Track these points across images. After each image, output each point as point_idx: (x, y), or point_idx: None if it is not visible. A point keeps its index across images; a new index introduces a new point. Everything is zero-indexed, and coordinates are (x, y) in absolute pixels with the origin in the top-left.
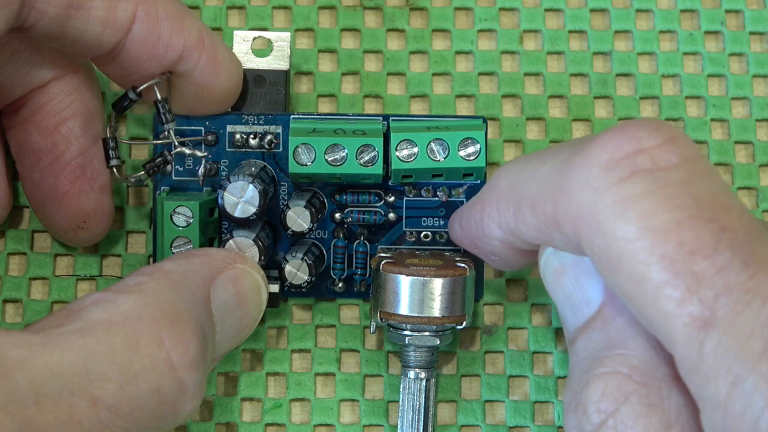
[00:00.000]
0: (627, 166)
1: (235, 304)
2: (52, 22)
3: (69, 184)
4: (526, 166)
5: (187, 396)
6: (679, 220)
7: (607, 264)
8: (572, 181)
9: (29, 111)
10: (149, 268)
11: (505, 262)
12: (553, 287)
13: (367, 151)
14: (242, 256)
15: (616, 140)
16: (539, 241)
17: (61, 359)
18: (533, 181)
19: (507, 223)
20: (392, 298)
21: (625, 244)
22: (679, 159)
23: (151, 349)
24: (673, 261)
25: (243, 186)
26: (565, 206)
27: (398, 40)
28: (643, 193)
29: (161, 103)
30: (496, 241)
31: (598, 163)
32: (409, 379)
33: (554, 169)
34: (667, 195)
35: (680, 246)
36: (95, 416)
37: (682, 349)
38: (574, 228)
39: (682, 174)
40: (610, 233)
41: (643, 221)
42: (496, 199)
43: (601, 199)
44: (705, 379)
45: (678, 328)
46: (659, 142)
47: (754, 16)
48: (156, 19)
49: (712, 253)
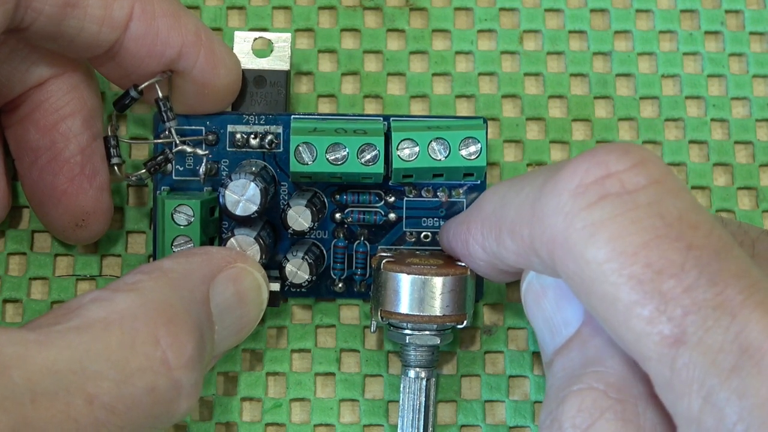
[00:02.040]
0: (596, 191)
1: (235, 303)
2: (49, 22)
3: (67, 182)
4: (507, 192)
5: (182, 395)
6: (646, 241)
7: (581, 287)
8: (545, 207)
9: (27, 109)
10: (148, 267)
11: (491, 278)
12: (533, 310)
13: (368, 150)
14: (243, 254)
15: (585, 165)
16: (520, 265)
17: (58, 357)
18: (512, 207)
19: (490, 246)
20: (393, 297)
21: (596, 266)
22: (647, 180)
23: (147, 348)
24: (641, 281)
25: (244, 184)
26: (539, 232)
27: (398, 40)
28: (611, 216)
29: (162, 101)
30: (480, 261)
31: (568, 189)
32: (410, 378)
33: (530, 195)
34: (635, 217)
35: (647, 266)
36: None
37: (655, 366)
38: (549, 252)
39: (650, 195)
40: (581, 257)
41: (612, 244)
42: (480, 223)
43: (571, 224)
44: (678, 396)
45: (650, 346)
46: (628, 166)
47: (754, 16)
48: (153, 16)
49: (679, 271)
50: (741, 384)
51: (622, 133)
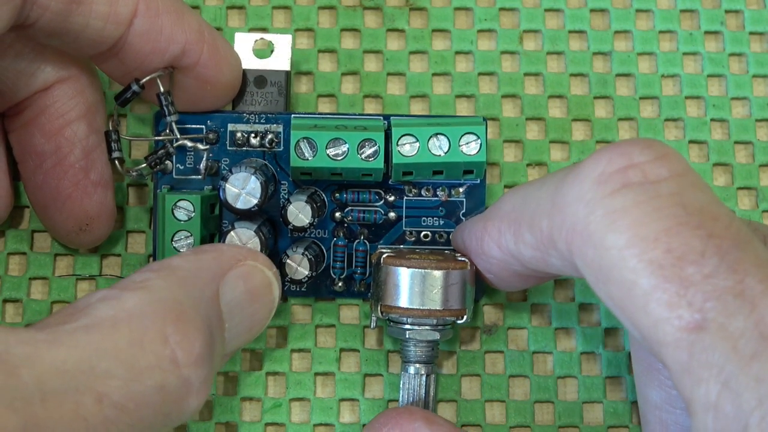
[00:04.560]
0: (618, 179)
1: (246, 301)
2: (54, 18)
3: (72, 186)
4: (528, 189)
5: (192, 393)
6: (667, 227)
7: (599, 275)
8: (566, 195)
9: (33, 113)
10: (157, 265)
11: (500, 281)
12: None
13: (369, 145)
14: (253, 252)
15: (608, 156)
16: (535, 262)
17: (67, 356)
18: (532, 201)
19: (507, 243)
20: (393, 291)
21: (616, 252)
22: (670, 173)
23: (156, 346)
24: (662, 266)
25: (245, 177)
26: (559, 221)
27: (398, 40)
28: (633, 204)
29: (163, 95)
30: (494, 260)
31: (591, 177)
32: (409, 374)
33: (551, 188)
34: (657, 205)
35: (668, 252)
36: (101, 413)
37: (673, 352)
38: (567, 242)
39: (672, 186)
40: (600, 243)
41: (633, 230)
42: (498, 220)
43: (592, 212)
44: (696, 381)
45: (668, 332)
46: (651, 158)
47: (754, 16)
48: (157, 13)
49: (700, 258)
50: (761, 370)
51: (622, 133)
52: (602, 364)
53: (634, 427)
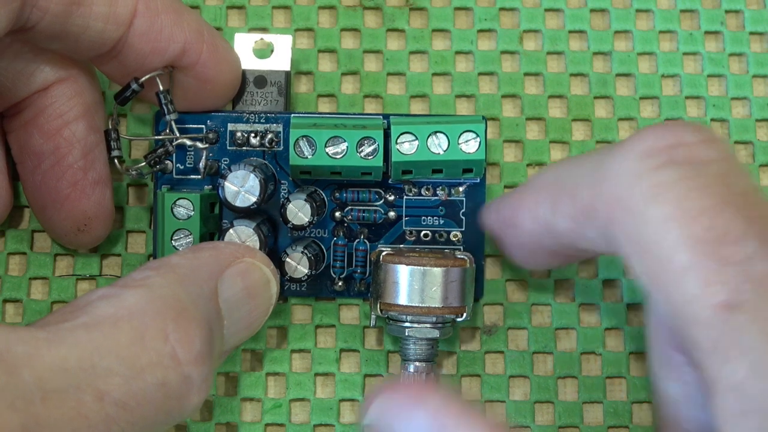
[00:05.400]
0: (665, 155)
1: (244, 298)
2: (54, 20)
3: (70, 187)
4: (570, 162)
5: (193, 390)
6: (711, 205)
7: (637, 248)
8: (611, 168)
9: (31, 114)
10: (156, 263)
11: (526, 257)
12: None
13: (368, 143)
14: (252, 249)
15: (657, 132)
16: (570, 233)
17: (68, 355)
18: (574, 174)
19: (543, 214)
20: (392, 289)
21: (656, 225)
22: (717, 156)
23: (157, 343)
24: (702, 243)
25: (244, 175)
26: (601, 192)
27: (398, 40)
28: (678, 179)
29: (163, 94)
30: (525, 233)
31: (638, 150)
32: (409, 373)
33: (595, 161)
34: (702, 183)
35: (709, 230)
36: (102, 411)
37: (703, 330)
38: (608, 213)
39: (718, 168)
40: (642, 216)
41: (676, 204)
42: (536, 190)
43: (637, 183)
44: (723, 361)
45: (701, 309)
46: (699, 139)
47: (754, 16)
48: (156, 13)
49: (740, 239)
50: None
51: (622, 133)
52: (602, 364)
53: (634, 427)
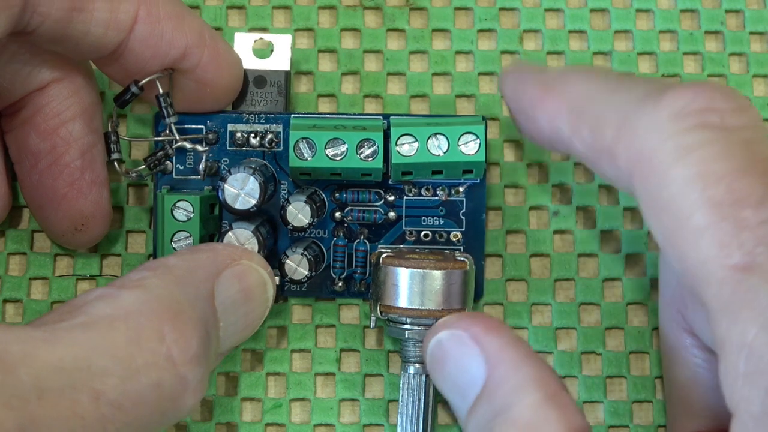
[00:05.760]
0: (696, 118)
1: (240, 300)
2: (55, 25)
3: (67, 186)
4: (600, 83)
5: (188, 391)
6: (733, 169)
7: (656, 204)
8: (641, 121)
9: (28, 113)
10: (153, 263)
11: (532, 138)
12: (440, 379)
13: (368, 145)
14: (248, 251)
15: (691, 94)
16: (584, 157)
17: (64, 354)
18: (603, 103)
19: (560, 126)
20: (392, 291)
21: (679, 184)
22: (746, 123)
23: (153, 344)
24: (720, 205)
25: (244, 178)
26: (628, 142)
27: (398, 40)
28: (705, 142)
29: (163, 96)
30: (538, 130)
31: (670, 109)
32: (409, 374)
33: (626, 102)
34: (727, 148)
35: (730, 192)
36: (97, 411)
37: (715, 290)
38: (630, 164)
39: (746, 135)
40: (665, 173)
41: (699, 166)
42: (560, 98)
43: (664, 142)
44: (733, 320)
45: (714, 270)
46: (732, 106)
47: (754, 16)
48: (158, 19)
49: (759, 203)
50: None
51: None
52: (602, 364)
53: (635, 427)
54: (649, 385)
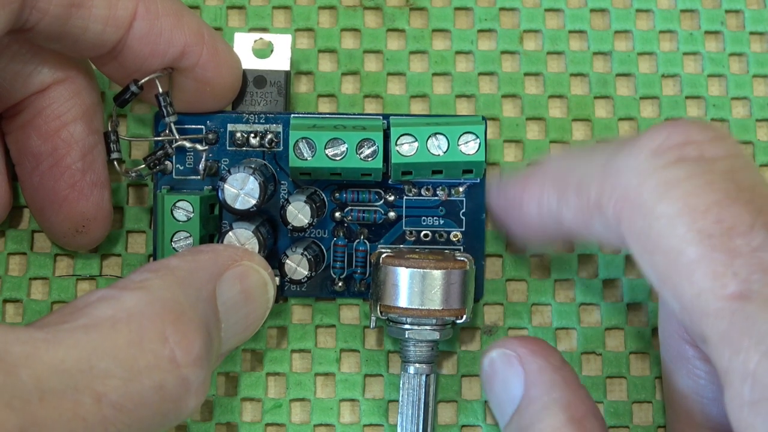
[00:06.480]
0: (675, 153)
1: (242, 301)
2: (54, 22)
3: (68, 188)
4: (577, 155)
5: (190, 393)
6: (718, 199)
7: (646, 244)
8: (620, 165)
9: (29, 115)
10: (155, 265)
11: (527, 238)
12: (489, 396)
13: (368, 145)
14: (250, 252)
15: (667, 131)
16: (576, 225)
17: (66, 356)
18: (581, 167)
19: (549, 203)
20: (392, 291)
21: (665, 221)
22: (725, 153)
23: (155, 346)
24: (710, 236)
25: (244, 178)
26: (610, 188)
27: (398, 40)
28: (687, 176)
29: (162, 96)
30: (529, 218)
31: (647, 149)
32: (409, 374)
33: (603, 156)
34: (710, 179)
35: (718, 223)
36: (99, 412)
37: (713, 322)
38: (616, 210)
39: (726, 164)
40: (651, 212)
41: (684, 200)
42: (542, 178)
43: (646, 181)
44: (735, 350)
45: (711, 301)
46: (708, 138)
47: (754, 16)
48: (156, 16)
49: (749, 231)
50: None
51: (622, 133)
52: (602, 364)
53: (635, 427)
54: (649, 385)
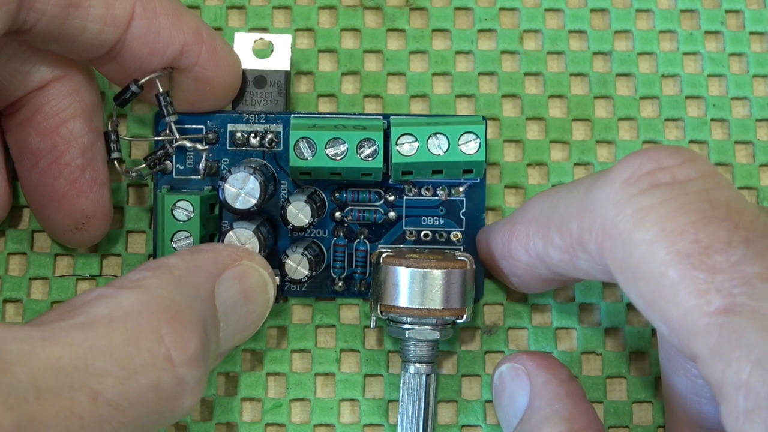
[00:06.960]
0: (647, 181)
1: (241, 300)
2: (51, 22)
3: (68, 185)
4: (556, 194)
5: (186, 392)
6: (694, 220)
7: (628, 273)
8: (595, 198)
9: (28, 112)
10: (153, 263)
11: (524, 284)
12: (497, 410)
13: (368, 144)
14: (250, 252)
15: (638, 160)
16: (564, 264)
17: (62, 354)
18: (561, 205)
19: (535, 247)
20: (392, 291)
21: (644, 247)
22: (697, 174)
23: (151, 344)
24: (690, 256)
25: (244, 177)
26: (589, 223)
27: (398, 40)
28: (661, 201)
29: (162, 95)
30: (520, 263)
31: (620, 179)
32: (410, 374)
33: (580, 192)
34: (684, 201)
35: (695, 242)
36: (95, 411)
37: (702, 339)
38: (597, 244)
39: (699, 184)
40: (629, 240)
41: (660, 224)
42: (526, 223)
43: (621, 211)
44: (726, 363)
45: (698, 318)
46: (679, 162)
47: (754, 16)
48: (154, 15)
49: (727, 247)
50: None
51: (622, 133)
52: (602, 364)
53: (635, 427)
54: (649, 385)
